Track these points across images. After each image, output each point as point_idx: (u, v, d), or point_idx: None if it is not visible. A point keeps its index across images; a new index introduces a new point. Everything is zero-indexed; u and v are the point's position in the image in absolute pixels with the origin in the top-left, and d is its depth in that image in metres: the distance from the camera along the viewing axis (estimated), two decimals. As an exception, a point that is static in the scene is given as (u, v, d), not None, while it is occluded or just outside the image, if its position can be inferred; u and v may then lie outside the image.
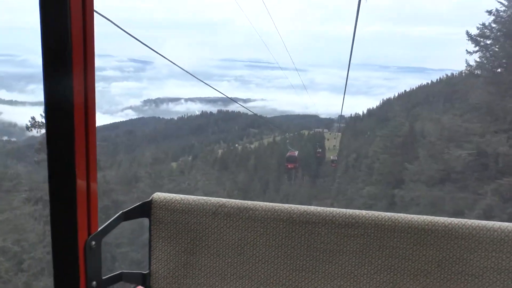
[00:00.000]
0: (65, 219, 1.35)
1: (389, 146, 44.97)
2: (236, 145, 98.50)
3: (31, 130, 29.38)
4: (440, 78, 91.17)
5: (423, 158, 33.63)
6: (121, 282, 1.67)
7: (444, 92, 65.49)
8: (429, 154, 32.25)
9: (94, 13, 1.32)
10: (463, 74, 30.16)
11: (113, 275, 1.60)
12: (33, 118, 29.69)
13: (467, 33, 27.89)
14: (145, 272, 1.69)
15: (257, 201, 1.64)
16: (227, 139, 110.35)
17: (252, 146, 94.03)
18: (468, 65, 28.95)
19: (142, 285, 1.70)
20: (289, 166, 73.30)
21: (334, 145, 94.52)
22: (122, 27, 7.82)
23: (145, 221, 1.66)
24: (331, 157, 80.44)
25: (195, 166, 54.95)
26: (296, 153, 76.60)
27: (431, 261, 1.52)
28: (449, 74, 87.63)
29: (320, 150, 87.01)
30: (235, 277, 1.64)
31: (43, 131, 28.10)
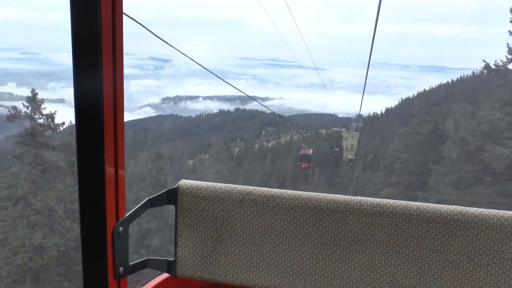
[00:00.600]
0: (94, 205, 1.38)
1: (411, 145, 42.51)
2: (250, 144, 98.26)
3: (12, 121, 27.05)
4: (461, 76, 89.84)
5: (451, 157, 31.21)
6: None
7: (464, 91, 64.34)
8: (460, 152, 29.94)
9: (123, 15, 1.36)
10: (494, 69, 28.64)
11: (139, 262, 1.60)
12: (14, 107, 27.68)
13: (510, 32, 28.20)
14: (170, 259, 1.68)
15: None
16: (244, 137, 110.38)
17: (269, 144, 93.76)
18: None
19: (167, 272, 1.70)
20: (302, 165, 67.52)
21: (352, 144, 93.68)
22: (146, 26, 7.90)
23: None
24: (349, 156, 79.59)
25: (209, 164, 54.86)
26: (311, 151, 70.95)
27: (461, 252, 1.48)
28: (470, 74, 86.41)
29: (337, 149, 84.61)
30: (261, 265, 1.62)
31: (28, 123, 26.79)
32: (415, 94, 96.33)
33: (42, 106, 28.04)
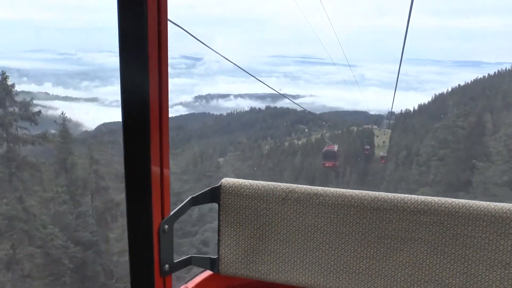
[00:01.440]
0: (140, 204, 1.41)
1: (450, 140, 38.55)
2: (280, 142, 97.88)
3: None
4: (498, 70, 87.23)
5: (501, 153, 28.31)
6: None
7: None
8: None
9: (168, 21, 1.41)
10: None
11: (183, 259, 1.64)
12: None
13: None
14: (214, 257, 1.72)
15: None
16: (274, 135, 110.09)
17: (300, 142, 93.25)
18: None
19: (210, 270, 1.73)
20: (326, 164, 57.78)
21: (383, 141, 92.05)
22: (183, 28, 8.00)
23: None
24: (381, 153, 78.21)
25: (236, 163, 55.17)
26: (336, 147, 61.62)
27: (510, 251, 1.44)
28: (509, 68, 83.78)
29: (368, 147, 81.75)
30: (304, 263, 1.61)
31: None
32: (449, 89, 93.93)
33: (14, 91, 25.44)
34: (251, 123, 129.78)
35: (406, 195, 1.55)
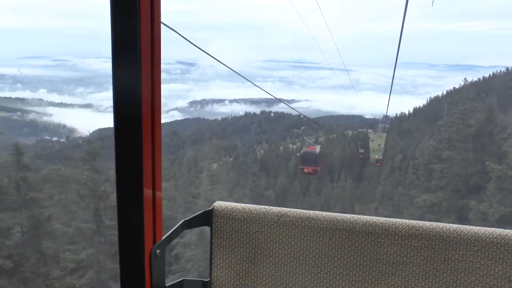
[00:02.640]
0: (132, 228, 1.41)
1: (456, 139, 33.84)
2: (274, 147, 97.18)
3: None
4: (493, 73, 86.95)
5: None
6: None
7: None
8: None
9: (161, 24, 1.41)
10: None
11: (175, 283, 1.64)
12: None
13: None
14: (206, 280, 1.73)
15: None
16: (269, 139, 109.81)
17: (294, 146, 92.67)
18: None
19: None
20: (305, 170, 45.93)
21: (379, 144, 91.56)
22: (178, 32, 7.86)
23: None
24: (376, 157, 77.58)
25: (234, 168, 54.23)
26: (318, 148, 49.31)
27: (501, 276, 1.46)
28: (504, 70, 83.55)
29: (363, 150, 78.99)
30: (296, 286, 1.64)
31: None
32: (444, 92, 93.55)
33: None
34: (246, 128, 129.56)
35: (398, 220, 1.55)
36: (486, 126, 34.27)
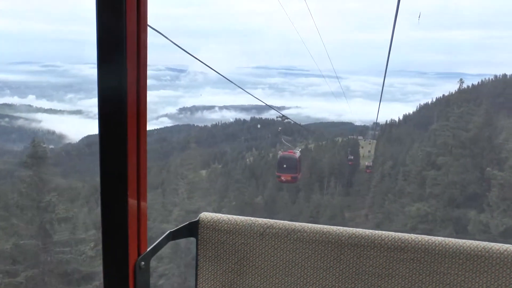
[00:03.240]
0: (117, 240, 1.40)
1: (452, 144, 32.06)
2: (264, 153, 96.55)
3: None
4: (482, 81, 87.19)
5: None
6: None
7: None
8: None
9: (148, 27, 1.40)
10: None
11: None
12: None
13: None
14: None
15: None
16: (259, 146, 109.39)
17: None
18: None
19: None
20: (282, 178, 38.51)
21: (369, 151, 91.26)
22: (166, 36, 7.67)
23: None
24: (366, 163, 77.05)
25: (222, 175, 53.42)
26: (298, 153, 40.54)
27: None
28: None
29: (352, 157, 77.30)
30: None
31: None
32: (434, 99, 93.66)
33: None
34: (236, 135, 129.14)
35: (384, 232, 1.55)
36: (484, 130, 32.84)
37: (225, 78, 15.54)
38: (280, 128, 74.12)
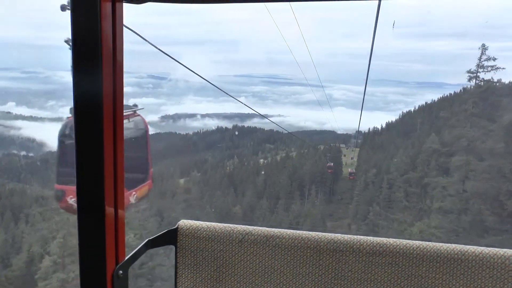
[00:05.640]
0: (94, 248, 1.38)
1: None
2: (246, 161, 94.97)
3: None
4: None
5: None
6: None
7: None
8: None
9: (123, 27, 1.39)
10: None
11: None
12: None
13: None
14: None
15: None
16: (241, 154, 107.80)
17: (265, 161, 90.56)
18: None
19: None
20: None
21: (351, 158, 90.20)
22: (145, 38, 7.41)
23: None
24: (349, 170, 75.61)
25: (200, 184, 51.59)
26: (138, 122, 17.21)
27: None
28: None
29: (332, 164, 74.34)
30: None
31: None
32: (416, 107, 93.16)
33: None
34: (218, 143, 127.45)
35: (362, 237, 1.55)
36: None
37: (211, 83, 14.97)
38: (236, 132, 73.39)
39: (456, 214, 31.42)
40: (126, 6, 1.34)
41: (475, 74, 31.86)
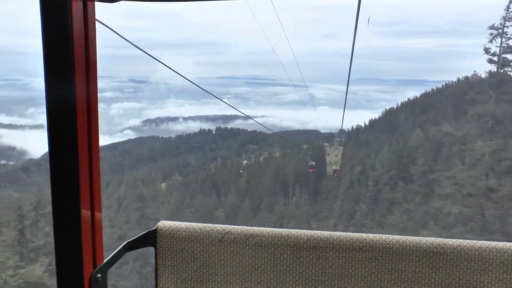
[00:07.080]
0: (70, 252, 1.37)
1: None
2: (230, 163, 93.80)
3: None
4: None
5: None
6: None
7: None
8: None
9: (96, 22, 1.37)
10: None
11: None
12: None
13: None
14: None
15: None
16: (225, 156, 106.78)
17: (248, 162, 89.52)
18: None
19: None
20: None
21: (336, 155, 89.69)
22: (123, 36, 7.11)
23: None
24: (333, 167, 74.97)
25: (181, 187, 50.31)
26: None
27: (441, 284, 1.52)
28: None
29: (314, 163, 72.81)
30: None
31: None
32: (399, 104, 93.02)
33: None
34: (201, 145, 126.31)
35: (342, 233, 1.57)
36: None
37: (195, 84, 14.03)
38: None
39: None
40: (98, 5, 1.31)
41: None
